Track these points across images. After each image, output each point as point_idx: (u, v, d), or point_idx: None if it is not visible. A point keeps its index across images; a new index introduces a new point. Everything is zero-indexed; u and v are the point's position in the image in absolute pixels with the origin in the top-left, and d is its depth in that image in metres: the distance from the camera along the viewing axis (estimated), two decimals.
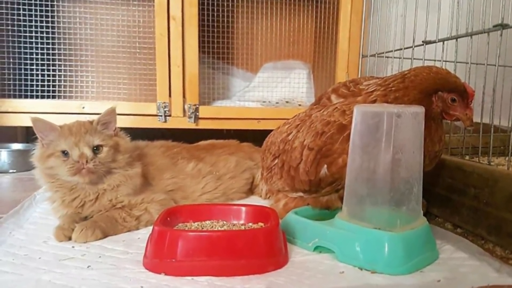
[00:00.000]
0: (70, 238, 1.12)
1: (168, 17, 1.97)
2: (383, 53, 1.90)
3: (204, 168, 1.50)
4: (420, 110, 0.99)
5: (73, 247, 1.08)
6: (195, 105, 2.03)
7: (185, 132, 1.97)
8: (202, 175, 1.47)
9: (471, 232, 1.21)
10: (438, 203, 1.33)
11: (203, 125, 2.07)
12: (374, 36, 1.98)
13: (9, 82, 1.98)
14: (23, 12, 1.95)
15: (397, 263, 0.96)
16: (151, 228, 1.01)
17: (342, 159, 1.09)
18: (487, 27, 1.28)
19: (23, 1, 1.94)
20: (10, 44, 1.98)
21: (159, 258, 0.94)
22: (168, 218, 1.08)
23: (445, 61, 1.48)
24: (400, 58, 1.71)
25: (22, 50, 1.99)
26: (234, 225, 1.12)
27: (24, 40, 1.97)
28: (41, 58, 1.99)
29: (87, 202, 1.21)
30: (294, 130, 1.24)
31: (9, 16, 1.96)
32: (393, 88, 1.11)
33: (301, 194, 1.24)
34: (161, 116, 2.01)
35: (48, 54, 2.00)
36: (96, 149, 1.19)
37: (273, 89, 2.30)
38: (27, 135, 2.39)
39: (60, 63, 2.03)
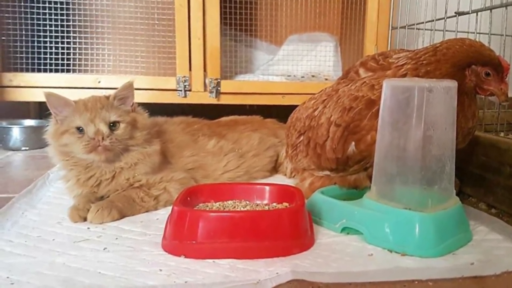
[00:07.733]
0: (85, 219, 1.11)
1: None
2: (413, 24, 1.89)
3: (226, 146, 1.48)
4: (452, 84, 0.97)
5: (88, 228, 1.07)
6: (216, 79, 2.01)
7: (206, 107, 1.97)
8: (223, 153, 1.46)
9: (506, 213, 1.19)
10: (471, 182, 1.32)
11: (224, 100, 2.06)
12: (405, 7, 1.96)
13: (21, 55, 1.97)
14: None
15: (428, 245, 0.94)
16: (170, 208, 1.00)
17: (370, 136, 1.08)
18: None
19: None
20: (23, 15, 1.96)
21: (178, 240, 0.93)
22: (188, 198, 1.07)
23: (479, 33, 1.46)
24: (431, 30, 1.70)
25: (35, 21, 1.96)
26: (257, 205, 1.11)
27: (37, 11, 1.95)
28: (55, 30, 1.97)
29: (103, 181, 1.20)
30: (321, 105, 1.23)
31: None
32: (424, 62, 1.09)
33: (327, 172, 1.23)
34: (181, 90, 2.00)
35: (62, 25, 1.98)
36: (112, 126, 1.17)
37: (298, 63, 2.27)
38: (40, 110, 2.39)
39: (75, 35, 2.02)
